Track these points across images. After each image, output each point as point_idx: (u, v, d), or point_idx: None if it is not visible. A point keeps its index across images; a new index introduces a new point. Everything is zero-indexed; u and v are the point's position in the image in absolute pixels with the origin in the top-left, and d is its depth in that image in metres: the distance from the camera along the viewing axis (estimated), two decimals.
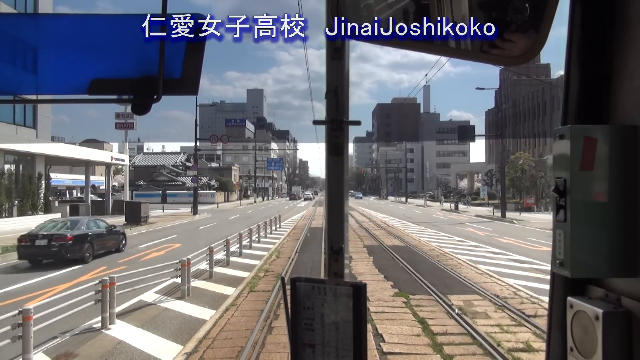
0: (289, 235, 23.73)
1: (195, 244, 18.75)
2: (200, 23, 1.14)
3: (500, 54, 0.98)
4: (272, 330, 7.61)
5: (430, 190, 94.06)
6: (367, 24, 1.03)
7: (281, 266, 13.92)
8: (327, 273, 1.34)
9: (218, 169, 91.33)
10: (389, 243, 19.57)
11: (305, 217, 37.07)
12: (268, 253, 16.92)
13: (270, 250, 17.63)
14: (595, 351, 0.95)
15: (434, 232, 25.81)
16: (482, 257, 16.31)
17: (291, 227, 28.35)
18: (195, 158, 44.23)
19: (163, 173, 78.68)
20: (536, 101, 72.36)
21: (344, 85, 1.32)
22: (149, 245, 19.81)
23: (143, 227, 28.61)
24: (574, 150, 0.97)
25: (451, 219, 37.89)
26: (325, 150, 1.34)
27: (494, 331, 7.56)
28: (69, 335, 7.56)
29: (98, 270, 13.70)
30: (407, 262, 14.16)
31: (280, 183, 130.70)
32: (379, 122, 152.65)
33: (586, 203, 0.98)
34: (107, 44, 1.15)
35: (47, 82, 1.16)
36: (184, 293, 10.15)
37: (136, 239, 22.86)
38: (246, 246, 18.45)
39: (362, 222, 32.44)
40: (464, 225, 30.63)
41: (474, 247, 19.07)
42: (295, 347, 1.29)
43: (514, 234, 24.73)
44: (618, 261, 0.97)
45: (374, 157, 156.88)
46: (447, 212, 46.24)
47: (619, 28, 1.02)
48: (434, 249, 17.80)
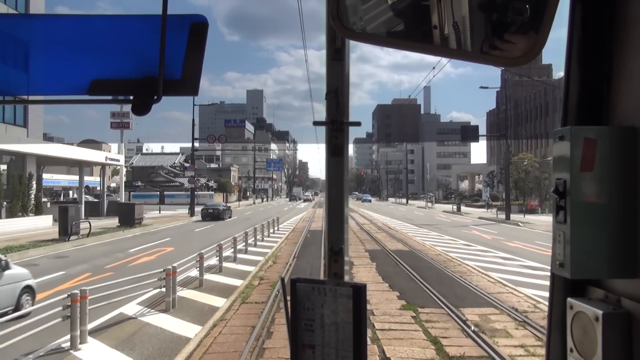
0: (287, 238, 22.77)
1: (189, 248, 17.79)
2: (201, 23, 1.12)
3: (500, 55, 0.96)
4: (264, 353, 6.65)
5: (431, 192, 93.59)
6: (367, 25, 1.02)
7: (277, 273, 12.95)
8: (327, 274, 1.33)
9: (217, 170, 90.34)
10: (392, 247, 18.60)
11: (304, 219, 36.06)
12: (264, 258, 15.96)
13: (266, 255, 16.67)
14: (595, 352, 0.94)
15: (438, 235, 24.84)
16: (491, 262, 15.33)
17: (290, 229, 27.41)
18: (192, 158, 43.21)
19: (161, 174, 77.76)
20: (538, 102, 71.63)
21: (344, 86, 1.32)
22: (141, 249, 18.85)
23: (137, 229, 27.66)
24: (574, 151, 0.98)
25: (454, 221, 36.94)
26: (325, 151, 1.35)
27: (518, 354, 6.61)
28: (32, 358, 6.61)
29: (81, 277, 12.76)
30: (412, 269, 13.19)
31: (280, 184, 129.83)
32: (379, 123, 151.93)
33: (586, 204, 0.98)
34: (107, 45, 1.14)
35: (47, 82, 1.15)
36: (168, 305, 9.16)
37: (128, 242, 21.93)
38: (241, 250, 17.50)
39: (363, 224, 31.46)
40: (468, 228, 29.67)
41: (482, 252, 18.10)
42: (295, 348, 1.28)
43: (521, 237, 23.76)
44: (618, 262, 0.97)
45: (374, 158, 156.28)
46: (450, 214, 45.28)
47: (619, 29, 1.02)
48: (440, 254, 16.83)
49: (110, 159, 39.02)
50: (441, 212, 48.71)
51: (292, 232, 26.07)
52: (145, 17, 1.12)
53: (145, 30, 1.10)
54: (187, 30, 1.11)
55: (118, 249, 19.25)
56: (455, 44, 0.98)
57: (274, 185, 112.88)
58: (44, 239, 21.49)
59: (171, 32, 1.07)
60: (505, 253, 17.70)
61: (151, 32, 1.07)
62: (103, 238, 23.10)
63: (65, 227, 21.67)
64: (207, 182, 76.89)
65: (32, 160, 29.67)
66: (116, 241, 22.43)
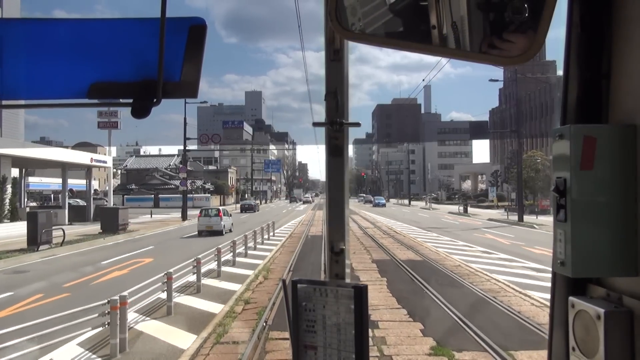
0: (283, 246, 20.44)
1: (171, 259, 15.50)
2: (199, 26, 1.11)
3: (499, 54, 0.95)
4: None
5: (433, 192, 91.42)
6: (366, 26, 1.02)
7: (267, 294, 10.62)
8: (328, 274, 1.32)
9: (214, 172, 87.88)
10: (402, 256, 16.24)
11: (303, 223, 33.62)
12: (254, 272, 13.61)
13: (257, 268, 14.33)
14: (597, 351, 0.94)
15: (450, 241, 22.47)
16: (524, 276, 12.94)
17: (287, 235, 25.07)
18: (184, 159, 40.89)
19: (156, 176, 75.28)
20: (543, 99, 69.43)
21: (344, 87, 1.32)
22: (116, 261, 16.51)
23: (120, 236, 25.35)
24: (574, 149, 0.97)
25: (463, 223, 34.57)
26: (325, 152, 1.35)
27: None
28: None
29: (28, 301, 10.45)
30: (433, 287, 10.85)
31: (279, 186, 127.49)
32: (379, 123, 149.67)
33: (586, 202, 0.97)
34: (106, 48, 1.13)
35: (46, 86, 1.14)
36: (114, 349, 6.81)
37: (105, 251, 19.60)
38: (229, 262, 15.17)
39: (367, 228, 29.09)
40: (480, 231, 27.33)
41: (507, 262, 15.73)
42: (297, 349, 1.27)
43: (542, 241, 21.37)
44: (619, 260, 0.96)
45: (375, 159, 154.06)
46: (457, 216, 42.91)
47: (617, 27, 1.01)
48: (460, 265, 14.48)
49: (97, 160, 36.64)
50: (447, 214, 46.34)
51: (289, 238, 23.73)
52: (144, 20, 1.11)
53: (144, 34, 1.09)
54: (186, 33, 1.10)
55: (90, 260, 16.92)
56: (454, 43, 0.97)
57: (273, 187, 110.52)
58: (12, 248, 19.17)
59: (170, 35, 1.06)
60: (534, 262, 15.33)
61: (150, 35, 1.07)
62: (79, 247, 20.77)
63: (35, 236, 19.38)
64: (203, 185, 74.51)
65: (7, 162, 27.37)
66: (92, 251, 20.08)
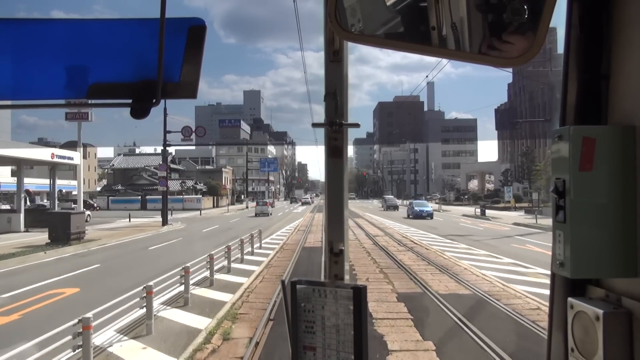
0: (271, 261, 15.48)
1: (111, 287, 10.66)
2: (199, 27, 1.12)
3: (498, 55, 0.95)
4: None
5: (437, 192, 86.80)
6: (365, 27, 1.02)
7: (243, 341, 5.65)
8: (327, 275, 1.31)
9: (208, 172, 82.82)
10: (439, 287, 11.19)
11: (299, 230, 28.51)
12: (230, 303, 8.65)
13: (238, 293, 9.41)
14: (596, 352, 0.94)
15: (490, 256, 17.39)
16: None
17: (278, 245, 20.08)
18: (164, 156, 35.86)
19: (144, 176, 70.27)
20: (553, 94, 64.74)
21: (343, 88, 1.32)
22: (26, 292, 11.53)
23: (71, 248, 20.31)
24: (573, 150, 0.97)
25: (487, 229, 29.56)
26: (324, 153, 1.34)
27: None
28: None
29: None
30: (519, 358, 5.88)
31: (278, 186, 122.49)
32: (381, 121, 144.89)
33: (586, 203, 0.97)
34: (105, 49, 1.13)
35: (46, 87, 1.13)
36: None
37: (32, 272, 14.63)
38: (200, 283, 10.22)
39: (376, 236, 23.97)
40: (517, 241, 22.33)
41: None
42: (296, 350, 1.27)
43: None
44: (618, 261, 0.96)
45: (376, 159, 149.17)
46: (474, 220, 37.91)
47: (616, 28, 1.01)
48: (539, 308, 9.46)
49: (61, 156, 31.54)
50: (461, 217, 41.35)
51: (281, 250, 18.72)
52: (144, 20, 1.11)
53: (144, 34, 1.09)
54: (185, 34, 1.10)
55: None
56: (453, 44, 0.97)
57: (270, 188, 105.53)
58: None
59: (169, 36, 1.06)
60: None
61: (149, 36, 1.07)
62: (4, 264, 15.78)
63: None
64: (194, 185, 69.52)
65: None
66: (14, 272, 15.03)
